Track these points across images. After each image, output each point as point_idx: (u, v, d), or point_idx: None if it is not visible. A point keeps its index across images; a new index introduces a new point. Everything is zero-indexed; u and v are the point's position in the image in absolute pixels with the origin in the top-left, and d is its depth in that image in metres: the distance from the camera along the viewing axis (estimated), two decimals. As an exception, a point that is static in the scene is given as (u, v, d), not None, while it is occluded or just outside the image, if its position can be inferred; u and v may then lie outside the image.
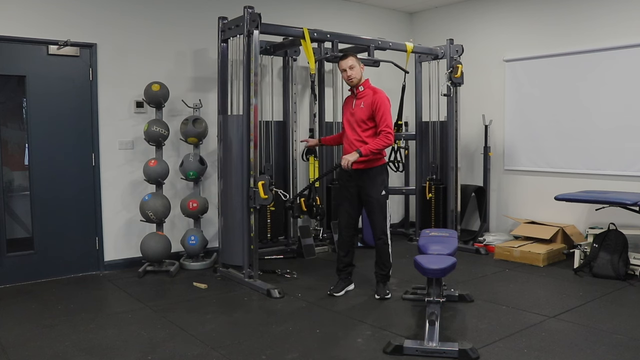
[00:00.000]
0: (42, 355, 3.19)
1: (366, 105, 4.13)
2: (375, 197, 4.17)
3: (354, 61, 4.16)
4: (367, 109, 4.13)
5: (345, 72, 4.17)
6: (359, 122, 4.16)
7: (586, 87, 5.49)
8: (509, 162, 6.20)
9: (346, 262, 4.36)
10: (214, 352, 3.23)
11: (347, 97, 4.36)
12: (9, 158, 4.79)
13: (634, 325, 3.59)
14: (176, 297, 4.32)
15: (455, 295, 4.08)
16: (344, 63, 4.16)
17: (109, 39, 4.95)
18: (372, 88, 4.21)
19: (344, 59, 4.18)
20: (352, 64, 4.15)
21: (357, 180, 4.20)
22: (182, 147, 5.31)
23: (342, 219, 4.35)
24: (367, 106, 4.13)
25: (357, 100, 4.21)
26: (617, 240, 4.77)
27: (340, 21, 6.27)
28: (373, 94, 4.15)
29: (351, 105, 4.25)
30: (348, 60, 4.16)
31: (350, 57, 4.18)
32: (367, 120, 4.13)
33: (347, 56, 4.19)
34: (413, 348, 3.14)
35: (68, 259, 4.88)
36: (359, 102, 4.18)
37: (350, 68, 4.15)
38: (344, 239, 4.34)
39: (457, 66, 5.70)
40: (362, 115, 4.14)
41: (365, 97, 4.17)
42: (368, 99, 4.14)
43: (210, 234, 5.45)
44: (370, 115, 4.12)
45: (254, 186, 4.40)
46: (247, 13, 4.43)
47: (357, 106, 4.19)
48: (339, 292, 4.31)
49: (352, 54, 4.24)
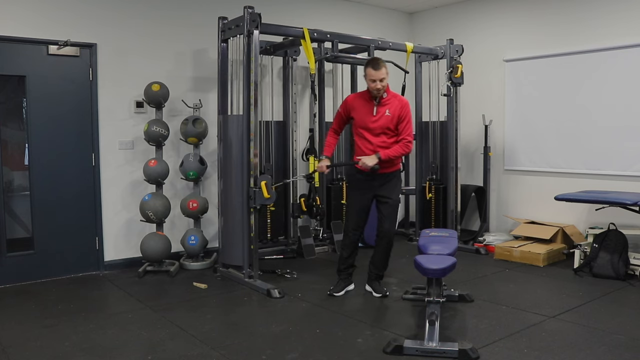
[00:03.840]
0: (42, 355, 3.19)
1: (393, 113, 4.05)
2: (394, 199, 4.20)
3: (385, 73, 4.00)
4: (394, 117, 4.06)
5: (375, 83, 3.99)
6: (383, 128, 4.07)
7: (586, 87, 5.49)
8: (509, 162, 6.20)
9: (349, 263, 4.35)
10: (214, 352, 3.23)
11: (360, 100, 4.18)
12: (9, 158, 4.79)
13: (634, 325, 3.59)
14: (176, 297, 4.32)
15: (455, 295, 4.08)
16: (377, 74, 3.97)
17: (109, 39, 4.95)
18: (394, 94, 4.13)
19: (378, 70, 3.97)
20: (385, 77, 3.99)
21: (376, 182, 4.15)
22: (182, 147, 5.31)
23: (352, 220, 4.27)
24: (394, 114, 4.05)
25: (379, 107, 4.08)
26: (617, 240, 4.77)
27: (341, 21, 6.26)
28: (399, 103, 4.08)
29: (371, 111, 4.10)
30: (381, 72, 3.98)
31: (383, 69, 3.98)
32: (394, 128, 4.08)
33: (381, 67, 3.98)
34: (413, 348, 3.13)
35: (68, 259, 4.89)
36: (383, 109, 4.07)
37: (382, 80, 3.99)
38: (351, 240, 4.30)
39: (457, 66, 5.70)
40: (389, 123, 4.06)
41: (390, 105, 4.07)
42: (394, 108, 4.06)
43: (210, 234, 5.45)
44: (396, 123, 4.07)
45: (254, 186, 4.40)
46: (247, 13, 4.43)
47: (380, 113, 4.07)
48: (339, 291, 4.30)
49: (385, 64, 4.03)
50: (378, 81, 3.98)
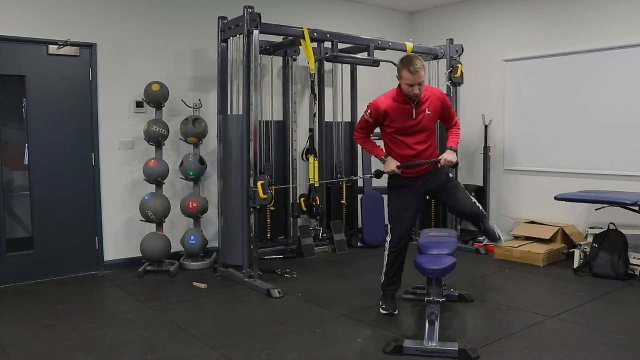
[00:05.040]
0: (42, 355, 3.19)
1: (434, 110, 3.71)
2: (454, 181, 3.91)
3: (424, 75, 3.54)
4: (436, 114, 3.74)
5: (413, 87, 3.55)
6: (425, 127, 3.72)
7: (586, 87, 5.49)
8: (509, 162, 6.19)
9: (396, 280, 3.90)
10: (214, 352, 3.23)
11: (394, 104, 3.67)
12: (9, 158, 4.79)
13: (634, 325, 3.59)
14: (176, 297, 4.32)
15: (455, 295, 4.08)
16: (415, 78, 3.50)
17: (109, 39, 4.95)
18: (427, 89, 3.73)
19: (417, 74, 3.49)
20: (423, 79, 3.54)
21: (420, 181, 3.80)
22: (182, 147, 5.31)
23: (402, 229, 3.79)
24: (435, 111, 3.72)
25: (418, 108, 3.66)
26: (617, 240, 4.77)
27: (340, 21, 6.26)
28: (437, 97, 3.73)
29: (409, 115, 3.66)
30: (420, 75, 3.51)
31: (422, 71, 3.51)
32: (435, 124, 3.82)
33: (419, 69, 3.49)
34: (413, 348, 3.13)
35: (68, 259, 4.88)
36: (422, 108, 3.67)
37: (421, 85, 3.56)
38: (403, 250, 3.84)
39: (457, 66, 5.70)
40: (431, 123, 3.75)
41: (428, 102, 3.69)
42: (433, 104, 3.70)
43: (210, 234, 5.45)
44: (438, 118, 3.80)
45: (254, 186, 4.40)
46: (247, 13, 4.43)
47: (421, 114, 3.67)
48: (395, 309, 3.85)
49: (422, 62, 3.54)
50: (417, 85, 3.54)
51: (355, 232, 6.24)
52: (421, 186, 3.83)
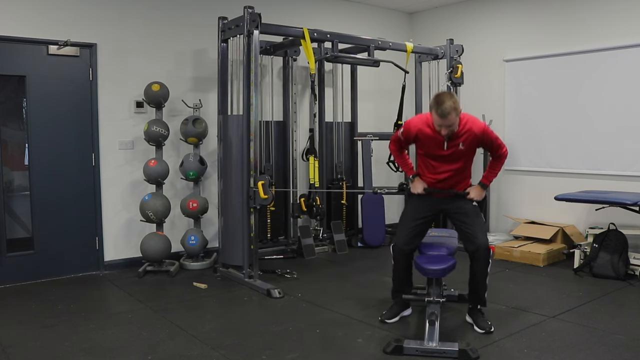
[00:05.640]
0: (42, 355, 3.19)
1: (468, 145, 3.53)
2: (471, 205, 3.68)
3: (454, 117, 3.34)
4: (471, 148, 3.57)
5: (442, 129, 3.41)
6: (457, 159, 3.58)
7: (586, 87, 5.49)
8: (509, 162, 6.07)
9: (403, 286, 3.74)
10: (214, 352, 3.23)
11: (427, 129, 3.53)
12: (9, 158, 4.79)
13: (634, 325, 3.59)
14: (176, 297, 4.32)
15: (455, 295, 4.07)
16: (445, 122, 3.34)
17: (109, 39, 4.95)
18: (467, 120, 3.52)
19: (445, 118, 3.32)
20: (453, 122, 3.36)
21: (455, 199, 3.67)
22: (182, 147, 5.31)
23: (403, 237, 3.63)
24: (470, 146, 3.55)
25: (451, 141, 3.51)
26: (617, 240, 4.77)
27: (341, 21, 6.26)
28: (475, 134, 3.50)
29: (440, 145, 3.52)
30: (450, 118, 3.33)
31: (452, 114, 3.31)
32: (469, 157, 3.64)
33: (448, 113, 3.30)
34: (413, 348, 3.13)
35: (68, 259, 4.88)
36: (455, 142, 3.51)
37: (451, 126, 3.39)
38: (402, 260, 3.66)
39: (457, 66, 5.69)
40: (463, 156, 3.58)
41: (464, 137, 3.50)
42: (469, 140, 3.51)
43: (210, 234, 5.45)
44: (475, 150, 3.62)
45: (254, 186, 4.40)
46: (247, 13, 4.43)
47: (452, 147, 3.52)
48: (392, 317, 3.74)
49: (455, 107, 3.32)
50: (445, 127, 3.39)
51: (355, 232, 6.24)
52: (440, 203, 3.69)
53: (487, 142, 3.59)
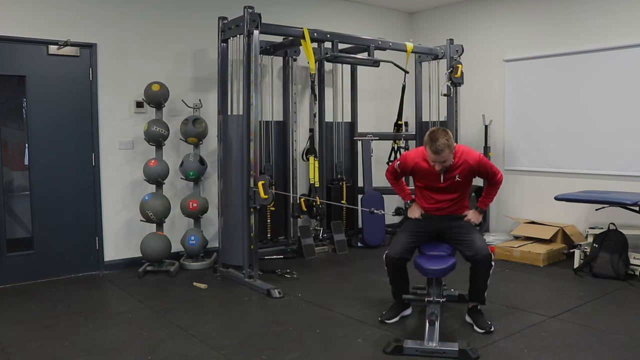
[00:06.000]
0: (42, 355, 3.19)
1: (464, 177, 3.61)
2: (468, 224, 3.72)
3: (447, 153, 3.42)
4: (467, 180, 3.65)
5: (436, 164, 3.51)
6: (456, 188, 3.65)
7: (586, 87, 5.49)
8: (509, 162, 6.19)
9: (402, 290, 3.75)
10: (214, 352, 3.23)
11: (423, 163, 3.62)
12: (9, 158, 4.79)
13: (634, 325, 3.59)
14: (176, 297, 4.32)
15: (455, 295, 4.07)
16: (439, 158, 3.43)
17: (109, 39, 4.95)
18: (462, 152, 3.60)
19: (438, 155, 3.40)
20: (446, 158, 3.45)
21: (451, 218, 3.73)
22: (182, 147, 5.31)
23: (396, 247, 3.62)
24: (466, 178, 3.63)
25: (447, 174, 3.59)
26: (617, 240, 4.76)
27: (341, 21, 6.26)
28: (470, 165, 3.58)
29: (437, 179, 3.61)
30: (443, 155, 3.40)
31: (446, 150, 3.39)
32: (465, 187, 3.70)
33: (441, 150, 3.38)
34: (413, 348, 3.14)
35: (68, 259, 4.88)
36: (451, 175, 3.59)
37: (443, 162, 3.48)
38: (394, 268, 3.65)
39: (457, 66, 5.69)
40: (459, 187, 3.65)
41: (459, 169, 3.58)
42: (465, 172, 3.59)
43: (210, 234, 5.45)
44: (471, 180, 3.69)
45: (254, 186, 4.40)
46: (247, 13, 4.44)
47: (449, 180, 3.60)
48: (391, 318, 3.75)
49: (448, 144, 3.38)
50: (439, 163, 3.48)
51: (355, 232, 6.24)
52: (439, 220, 3.72)
53: (483, 172, 3.68)
